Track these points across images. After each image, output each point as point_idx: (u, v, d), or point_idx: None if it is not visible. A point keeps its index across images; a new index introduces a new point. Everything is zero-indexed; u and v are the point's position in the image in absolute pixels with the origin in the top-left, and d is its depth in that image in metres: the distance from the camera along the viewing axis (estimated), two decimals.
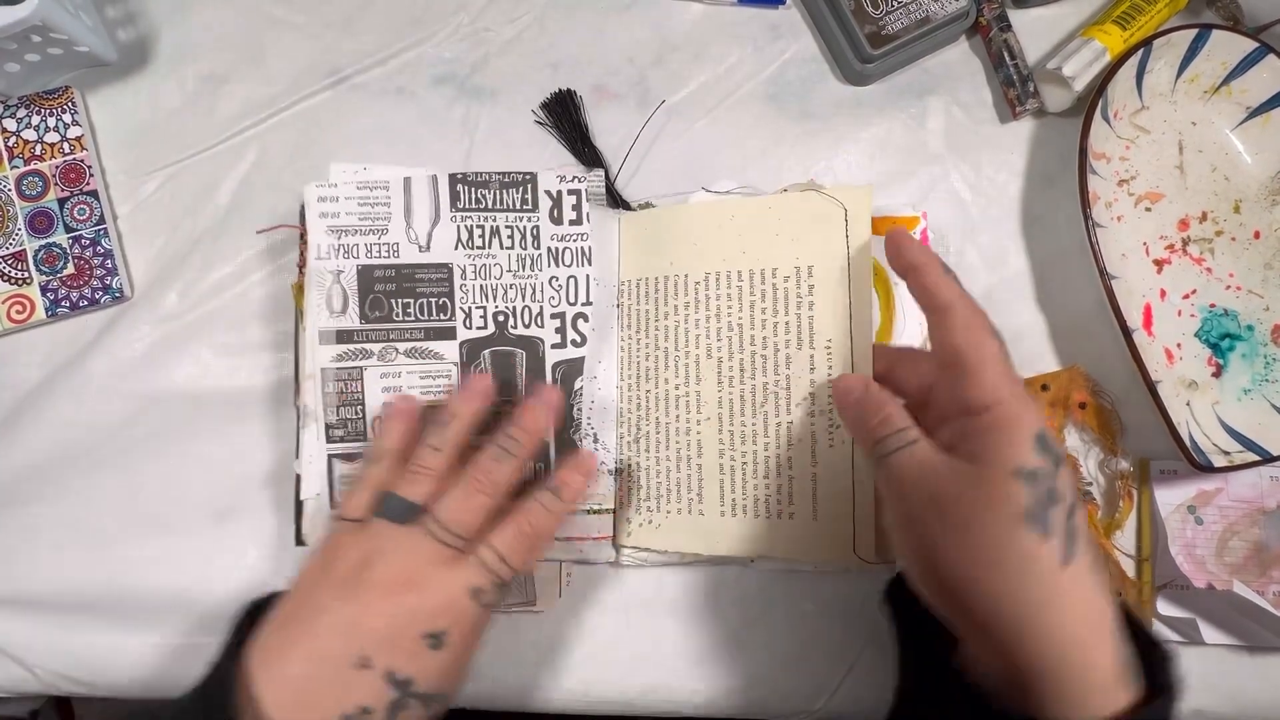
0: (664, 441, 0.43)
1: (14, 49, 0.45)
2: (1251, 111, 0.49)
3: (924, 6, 0.49)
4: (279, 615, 0.33)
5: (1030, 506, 0.29)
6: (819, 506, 0.40)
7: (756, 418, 0.41)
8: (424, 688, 0.32)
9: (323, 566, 0.34)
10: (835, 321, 0.40)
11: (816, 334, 0.40)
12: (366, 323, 0.42)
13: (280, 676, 0.31)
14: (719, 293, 0.42)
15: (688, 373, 0.43)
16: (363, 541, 0.34)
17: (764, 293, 0.42)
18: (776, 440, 0.41)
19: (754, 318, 0.42)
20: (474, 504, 0.35)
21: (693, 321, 0.43)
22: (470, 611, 0.34)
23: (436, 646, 0.33)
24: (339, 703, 0.31)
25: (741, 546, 0.41)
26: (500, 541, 0.35)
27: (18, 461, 0.46)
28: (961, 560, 0.30)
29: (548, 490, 0.37)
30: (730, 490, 0.42)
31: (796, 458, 0.40)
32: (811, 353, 0.40)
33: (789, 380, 0.41)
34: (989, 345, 0.32)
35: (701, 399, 0.42)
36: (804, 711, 0.45)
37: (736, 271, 0.42)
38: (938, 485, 0.31)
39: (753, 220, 0.43)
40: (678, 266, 0.43)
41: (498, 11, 0.51)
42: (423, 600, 0.33)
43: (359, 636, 0.32)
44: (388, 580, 0.33)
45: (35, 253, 0.47)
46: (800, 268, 0.41)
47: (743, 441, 0.41)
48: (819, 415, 0.40)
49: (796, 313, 0.41)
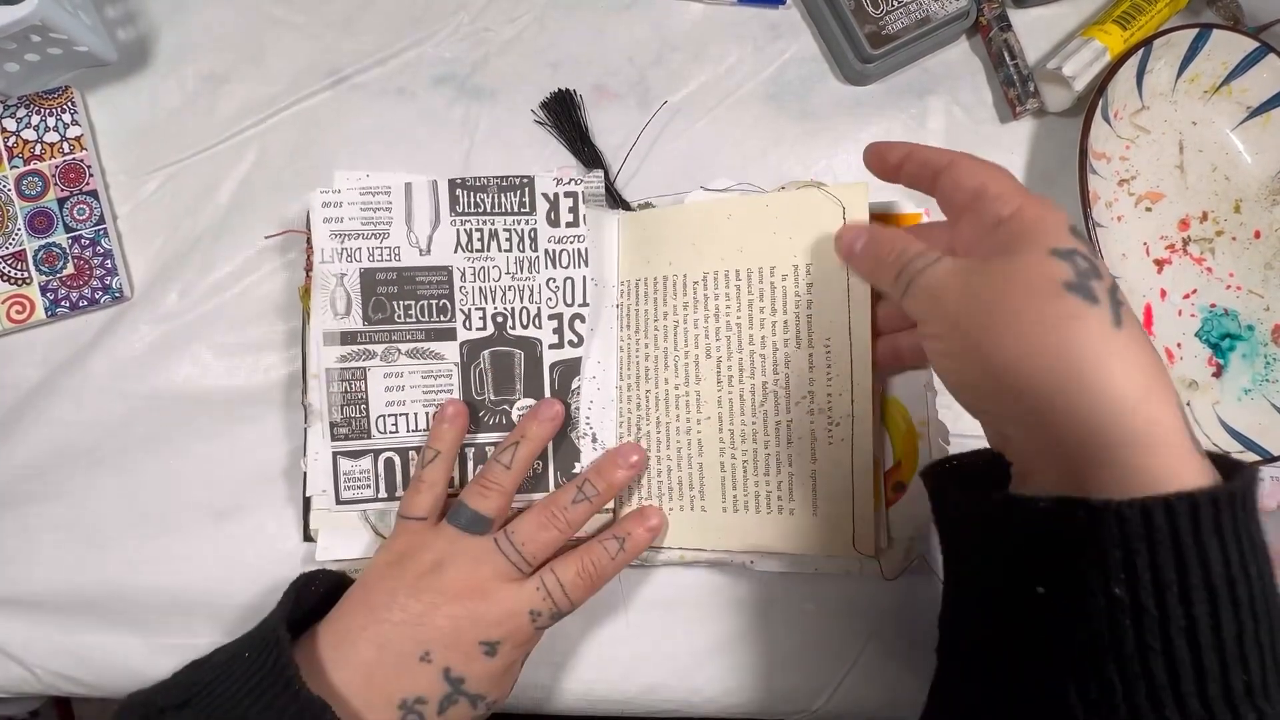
0: (665, 441, 0.43)
1: (13, 49, 0.45)
2: (1252, 111, 0.49)
3: (924, 6, 0.49)
4: (351, 600, 0.37)
5: (1072, 278, 0.28)
6: (819, 503, 0.40)
7: (756, 416, 0.41)
8: (474, 689, 0.36)
9: (398, 562, 0.37)
10: (834, 320, 0.40)
11: (815, 333, 0.40)
12: (369, 324, 0.43)
13: (350, 657, 0.35)
14: (717, 292, 0.42)
15: (687, 373, 0.43)
16: (437, 545, 0.38)
17: (762, 292, 0.41)
18: (777, 438, 0.41)
19: (752, 317, 0.42)
20: (547, 536, 0.38)
21: (691, 321, 0.43)
22: (525, 629, 0.37)
23: (491, 654, 0.36)
24: (400, 688, 0.35)
25: (744, 542, 0.42)
26: (564, 575, 0.38)
27: (18, 461, 0.46)
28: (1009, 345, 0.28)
29: (614, 538, 0.40)
30: (732, 488, 0.42)
31: (797, 455, 0.40)
32: (810, 352, 0.40)
33: (788, 379, 0.41)
34: (1000, 171, 0.32)
35: (701, 399, 0.42)
36: (804, 711, 0.45)
37: (734, 270, 0.42)
38: (974, 280, 0.30)
39: (750, 219, 0.42)
40: (676, 266, 0.43)
41: (498, 11, 0.51)
42: (486, 609, 0.36)
43: (424, 632, 0.35)
44: (457, 586, 0.36)
45: (35, 253, 0.47)
46: (798, 266, 0.41)
47: (743, 440, 0.41)
48: (818, 413, 0.40)
49: (795, 311, 0.41)
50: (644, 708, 0.45)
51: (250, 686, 0.32)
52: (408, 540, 0.38)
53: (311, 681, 0.33)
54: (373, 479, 0.42)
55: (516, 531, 0.38)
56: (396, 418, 0.42)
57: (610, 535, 0.40)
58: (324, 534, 0.43)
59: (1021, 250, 0.29)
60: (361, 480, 0.42)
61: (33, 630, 0.44)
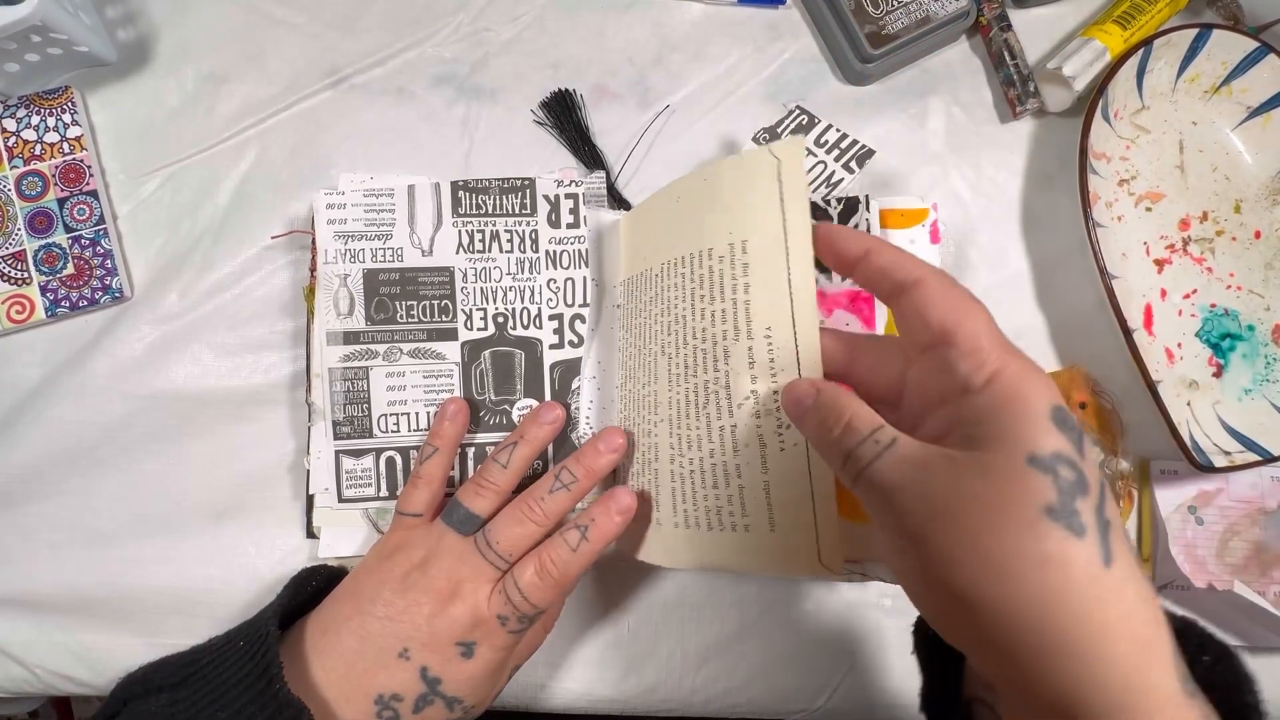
0: (635, 443, 0.40)
1: (14, 49, 0.45)
2: (1252, 111, 0.49)
3: (924, 6, 0.49)
4: (342, 591, 0.37)
5: (1054, 501, 0.23)
6: (775, 516, 0.33)
7: (700, 420, 0.35)
8: (450, 690, 0.35)
9: (389, 556, 0.37)
10: (773, 304, 0.33)
11: (754, 320, 0.34)
12: (372, 324, 0.43)
13: (335, 645, 0.35)
14: (670, 283, 0.38)
15: (648, 371, 0.39)
16: (426, 542, 0.37)
17: (701, 278, 0.36)
18: (722, 445, 0.34)
19: (695, 306, 0.36)
20: (523, 531, 0.37)
21: (652, 316, 0.39)
22: (497, 632, 0.36)
23: (467, 655, 0.35)
24: (377, 683, 0.34)
25: (698, 560, 0.36)
26: (521, 575, 0.36)
27: (17, 461, 0.46)
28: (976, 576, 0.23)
29: (575, 528, 0.36)
30: (681, 500, 0.36)
31: (745, 464, 0.34)
32: (750, 343, 0.34)
33: (728, 377, 0.34)
34: (976, 311, 0.27)
35: (658, 399, 0.38)
36: (804, 710, 0.45)
37: (681, 257, 0.37)
38: (933, 486, 0.25)
39: (692, 197, 0.37)
40: (648, 260, 0.40)
41: (498, 11, 0.51)
42: (461, 612, 0.35)
43: (405, 629, 0.35)
44: (439, 585, 0.36)
45: (35, 253, 0.47)
46: (734, 244, 0.34)
47: (689, 447, 0.36)
48: (765, 416, 0.33)
49: (732, 297, 0.34)
50: (644, 708, 0.45)
51: (239, 677, 0.32)
52: (401, 536, 0.38)
53: (296, 669, 0.33)
54: (374, 477, 0.42)
55: (492, 529, 0.37)
56: (398, 417, 0.43)
57: (572, 525, 0.36)
58: (326, 531, 0.43)
59: (994, 448, 0.24)
60: (363, 478, 0.42)
61: (33, 630, 0.44)
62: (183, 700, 0.33)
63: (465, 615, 0.35)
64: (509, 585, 0.36)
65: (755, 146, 0.37)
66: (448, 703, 0.35)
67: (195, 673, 0.34)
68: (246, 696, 0.32)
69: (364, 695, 0.34)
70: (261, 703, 0.31)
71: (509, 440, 0.40)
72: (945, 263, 0.47)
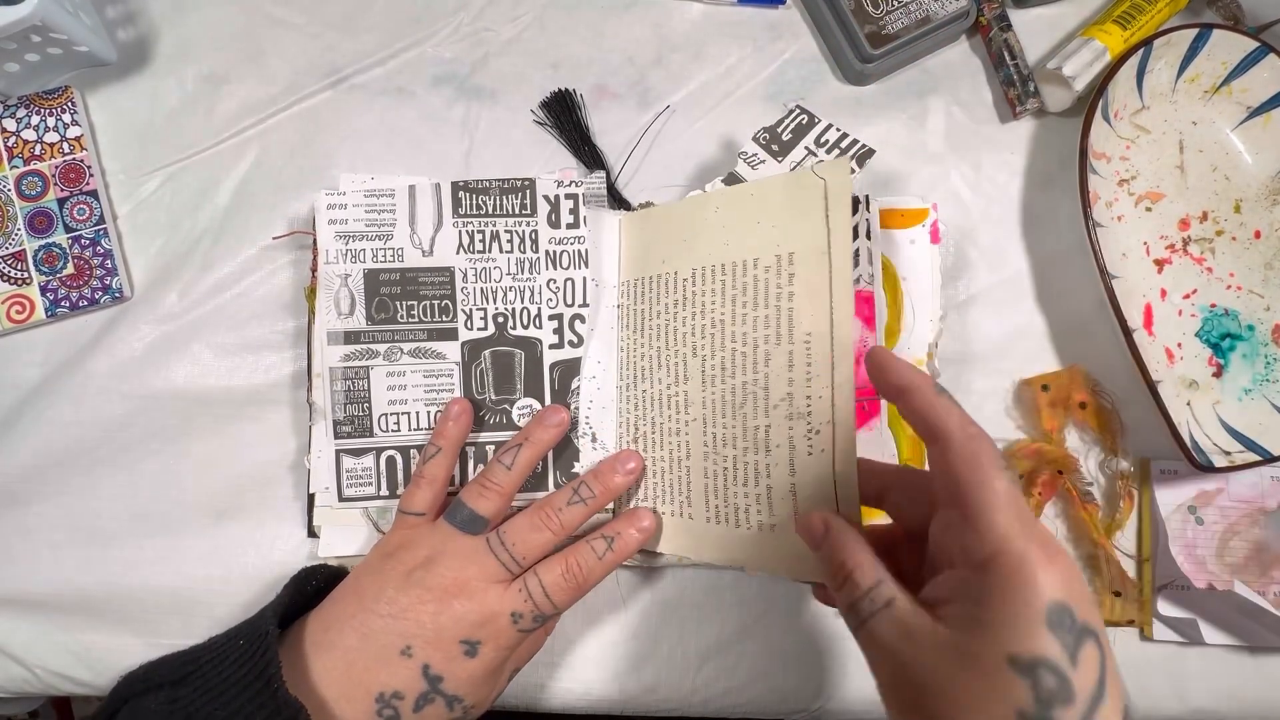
0: (659, 442, 0.42)
1: (14, 49, 0.45)
2: (1252, 111, 0.49)
3: (924, 6, 0.49)
4: (343, 589, 0.37)
5: (1030, 707, 0.23)
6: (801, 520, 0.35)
7: (736, 420, 0.38)
8: (451, 689, 0.35)
9: (392, 555, 0.37)
10: (815, 313, 0.36)
11: (795, 327, 0.37)
12: (372, 324, 0.43)
13: (335, 643, 0.35)
14: (704, 289, 0.40)
15: (676, 372, 0.41)
16: (431, 541, 0.37)
17: (745, 285, 0.39)
18: (754, 445, 0.37)
19: (735, 313, 0.39)
20: (539, 538, 0.38)
21: (680, 319, 0.41)
22: (506, 630, 0.36)
23: (471, 654, 0.36)
24: (378, 681, 0.34)
25: (727, 555, 0.39)
26: (547, 576, 0.37)
27: (18, 461, 0.46)
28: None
29: (602, 538, 0.39)
30: (714, 496, 0.39)
31: (775, 466, 0.37)
32: (790, 348, 0.37)
33: (767, 379, 0.37)
34: (994, 482, 0.26)
35: (689, 399, 0.40)
36: (804, 710, 0.45)
37: (720, 265, 0.40)
38: (919, 659, 0.25)
39: (734, 209, 0.40)
40: (669, 264, 0.42)
41: (498, 11, 0.51)
42: (469, 609, 0.36)
43: (408, 627, 0.35)
44: (444, 583, 0.36)
45: (35, 253, 0.47)
46: (781, 256, 0.38)
47: (724, 445, 0.39)
48: (797, 419, 0.36)
49: (775, 305, 0.38)
50: (644, 708, 0.45)
51: (238, 676, 0.33)
52: (404, 535, 0.38)
53: (296, 668, 0.34)
54: (375, 476, 0.42)
55: (508, 532, 0.38)
56: (399, 416, 0.43)
57: (599, 535, 0.39)
58: (326, 530, 0.43)
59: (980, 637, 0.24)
60: (364, 478, 0.42)
61: (33, 630, 0.44)
62: (182, 698, 0.33)
63: (472, 612, 0.35)
64: (530, 583, 0.37)
65: (804, 168, 0.38)
66: (448, 701, 0.35)
67: (195, 671, 0.34)
68: (245, 695, 0.32)
69: (365, 693, 0.34)
70: (260, 702, 0.32)
71: (513, 442, 0.40)
72: (945, 263, 0.47)
